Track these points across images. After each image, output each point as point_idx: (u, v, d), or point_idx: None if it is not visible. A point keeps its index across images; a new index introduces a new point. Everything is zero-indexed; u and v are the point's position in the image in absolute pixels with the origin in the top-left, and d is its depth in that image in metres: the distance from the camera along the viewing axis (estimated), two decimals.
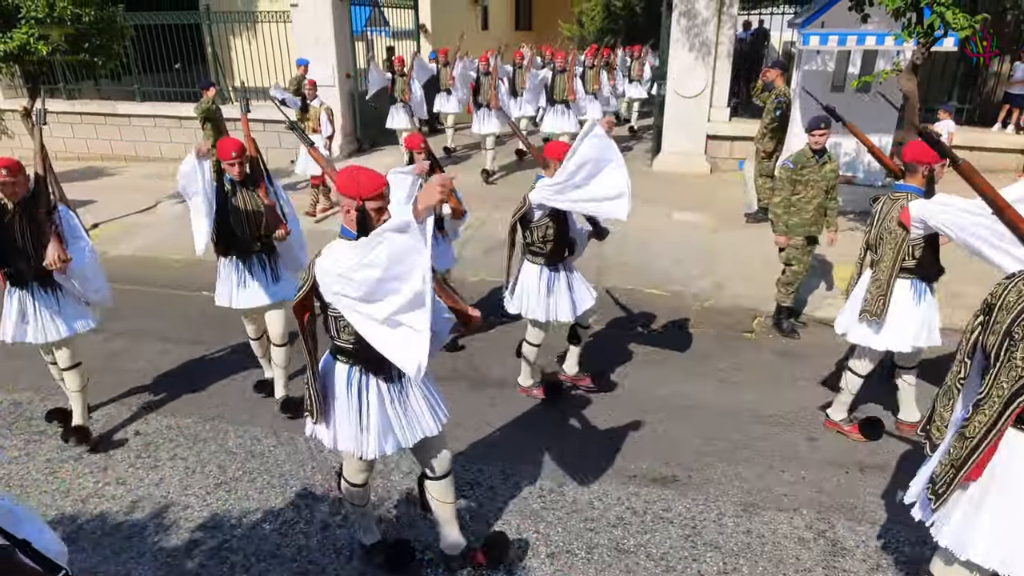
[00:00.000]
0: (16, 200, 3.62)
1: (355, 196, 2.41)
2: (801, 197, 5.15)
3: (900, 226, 3.67)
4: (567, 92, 9.62)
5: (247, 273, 4.24)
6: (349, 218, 2.46)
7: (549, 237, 4.17)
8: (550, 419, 4.41)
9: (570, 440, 4.18)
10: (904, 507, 3.52)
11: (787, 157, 5.26)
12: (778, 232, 5.29)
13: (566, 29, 15.91)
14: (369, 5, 11.80)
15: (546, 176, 4.06)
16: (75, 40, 7.30)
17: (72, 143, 12.18)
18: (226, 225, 4.08)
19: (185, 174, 3.86)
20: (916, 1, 5.14)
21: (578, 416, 4.44)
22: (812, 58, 8.31)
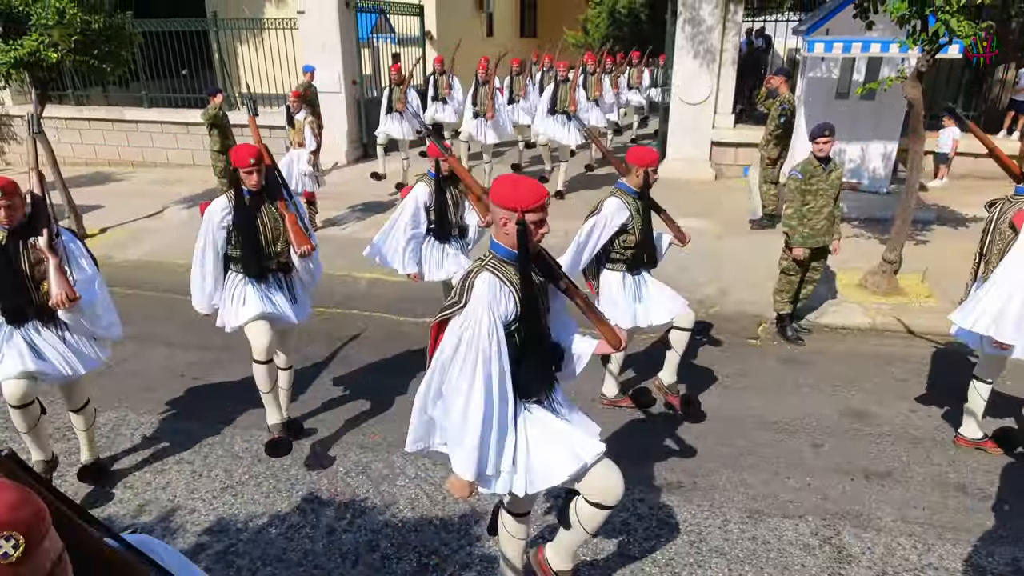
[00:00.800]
0: (12, 226, 3.18)
1: (514, 208, 2.21)
2: (811, 207, 5.14)
3: (1011, 228, 3.59)
4: (568, 103, 9.28)
5: (267, 293, 3.88)
6: (505, 231, 2.27)
7: (630, 244, 4.08)
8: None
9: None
10: (910, 514, 3.53)
11: (794, 167, 5.21)
12: (795, 244, 5.23)
13: (571, 36, 15.96)
14: (375, 12, 11.86)
15: (627, 182, 4.02)
16: (84, 47, 7.36)
17: (80, 149, 12.27)
18: (246, 243, 3.73)
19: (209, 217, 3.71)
20: (921, 8, 5.14)
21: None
22: (817, 65, 8.33)
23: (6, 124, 12.43)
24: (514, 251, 2.27)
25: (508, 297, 2.30)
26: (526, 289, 2.29)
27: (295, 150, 7.78)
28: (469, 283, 2.29)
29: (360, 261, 7.23)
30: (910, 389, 4.80)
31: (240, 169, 3.63)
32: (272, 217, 3.77)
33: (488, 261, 2.34)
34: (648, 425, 4.39)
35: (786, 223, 5.25)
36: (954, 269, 5.88)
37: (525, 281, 2.29)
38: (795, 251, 5.24)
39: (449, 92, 10.24)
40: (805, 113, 8.48)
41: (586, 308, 2.44)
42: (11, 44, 7.09)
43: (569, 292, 2.44)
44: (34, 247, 3.21)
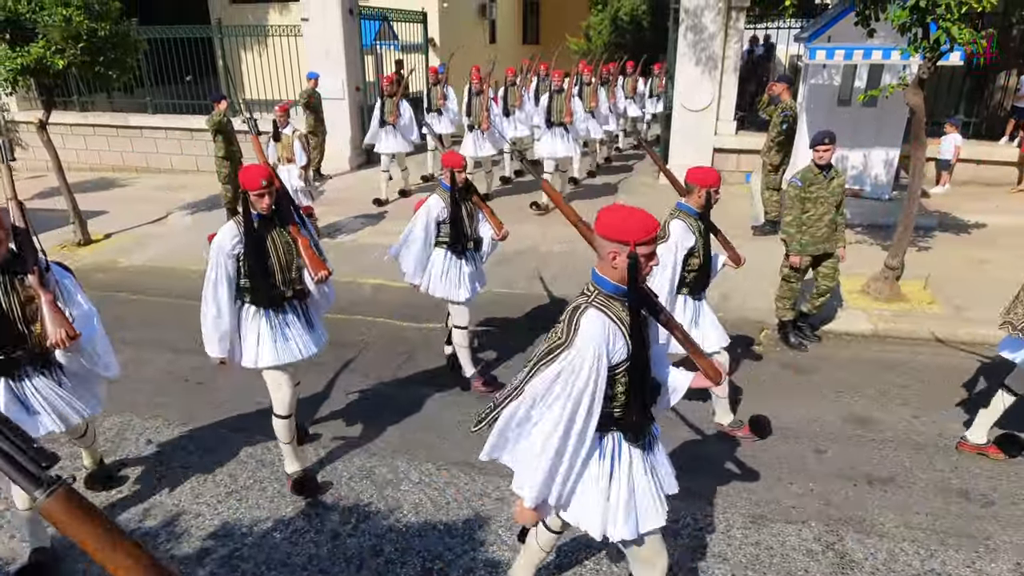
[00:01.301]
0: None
1: (626, 241, 2.07)
2: (811, 214, 5.15)
3: None
4: (563, 114, 8.90)
5: (283, 325, 3.59)
6: (613, 265, 2.12)
7: (694, 267, 3.97)
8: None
9: None
10: (913, 520, 3.54)
11: (794, 175, 5.22)
12: (792, 252, 5.25)
13: (573, 43, 16.02)
14: (378, 19, 11.94)
15: (688, 203, 3.89)
16: (90, 54, 7.42)
17: (85, 154, 12.34)
18: (258, 271, 3.45)
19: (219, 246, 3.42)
20: (922, 16, 5.17)
21: None
22: (818, 72, 8.36)
23: (12, 130, 12.49)
24: (623, 286, 2.15)
25: (617, 336, 2.16)
26: (635, 327, 2.15)
27: (284, 166, 7.40)
28: (575, 321, 2.15)
29: (364, 267, 7.28)
30: (912, 395, 4.80)
31: (250, 192, 3.34)
32: (284, 242, 3.50)
33: (594, 297, 2.19)
34: None
35: (784, 230, 5.28)
36: (956, 275, 5.90)
37: (635, 318, 2.15)
38: (792, 258, 5.27)
39: (444, 103, 9.99)
40: (807, 120, 8.51)
41: (684, 341, 2.31)
42: (18, 51, 7.15)
43: (669, 325, 2.29)
44: (22, 285, 2.90)
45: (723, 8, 9.43)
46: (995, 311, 3.90)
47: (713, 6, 9.44)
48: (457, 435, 4.35)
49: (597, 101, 10.21)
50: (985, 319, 5.66)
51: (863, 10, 5.74)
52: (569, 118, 8.83)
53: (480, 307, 6.24)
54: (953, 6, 4.89)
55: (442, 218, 4.52)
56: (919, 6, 5.06)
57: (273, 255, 3.47)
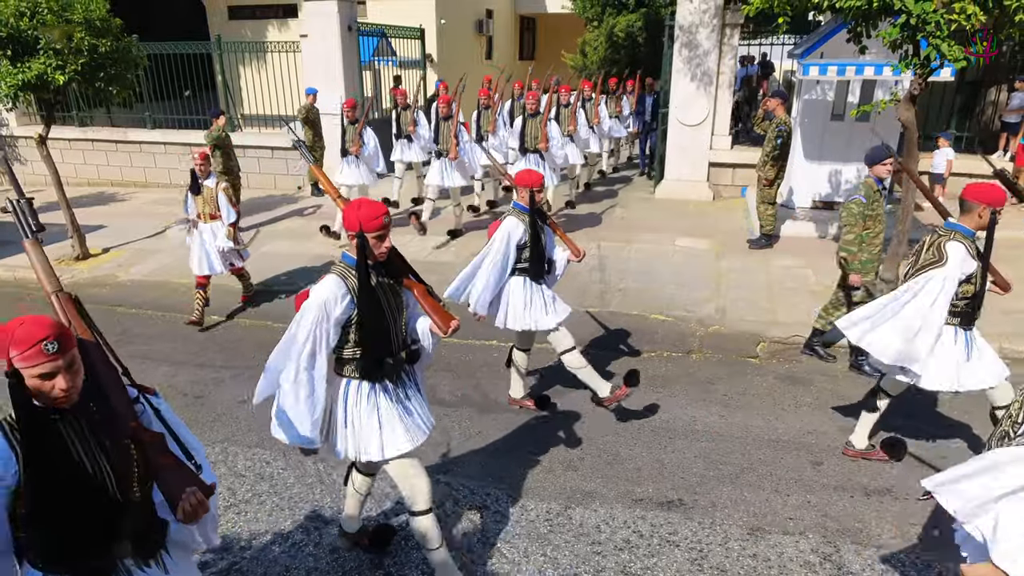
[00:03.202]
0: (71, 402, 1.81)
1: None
2: (870, 232, 5.04)
3: None
4: (539, 139, 8.10)
5: (404, 398, 2.94)
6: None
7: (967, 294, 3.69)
8: (557, 443, 4.44)
9: (577, 464, 4.21)
10: (910, 531, 3.55)
11: (854, 192, 5.00)
12: (853, 271, 5.07)
13: (569, 59, 16.16)
14: (377, 35, 12.05)
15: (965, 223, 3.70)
16: (91, 70, 7.48)
17: (83, 169, 12.38)
18: (377, 338, 2.78)
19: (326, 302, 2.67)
20: (912, 33, 5.26)
21: (585, 440, 4.47)
22: (812, 87, 8.47)
23: (11, 146, 12.55)
24: None
25: None
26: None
27: (207, 224, 6.29)
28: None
29: None
30: (908, 407, 4.83)
31: (368, 235, 2.62)
32: (394, 294, 2.82)
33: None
34: (647, 443, 4.41)
35: (845, 249, 5.01)
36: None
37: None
38: (853, 278, 5.09)
39: (414, 129, 9.12)
40: (801, 135, 8.61)
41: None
42: (19, 67, 7.21)
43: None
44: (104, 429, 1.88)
45: (717, 25, 9.56)
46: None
47: (708, 23, 9.57)
48: (454, 447, 4.36)
49: (576, 124, 9.41)
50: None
51: (855, 27, 5.84)
52: (545, 144, 8.08)
53: None
54: (943, 23, 4.98)
55: (523, 242, 4.15)
56: (910, 23, 5.16)
57: (388, 314, 2.80)
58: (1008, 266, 7.05)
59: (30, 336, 1.73)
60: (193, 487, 1.85)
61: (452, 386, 5.18)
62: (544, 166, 8.00)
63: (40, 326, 1.75)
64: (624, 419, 4.68)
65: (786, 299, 6.58)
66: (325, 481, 4.05)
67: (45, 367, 1.74)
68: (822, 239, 8.42)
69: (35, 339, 1.73)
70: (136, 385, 2.00)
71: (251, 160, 11.27)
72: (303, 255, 8.19)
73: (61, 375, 1.77)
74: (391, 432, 2.86)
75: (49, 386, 1.77)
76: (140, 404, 1.98)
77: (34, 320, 1.77)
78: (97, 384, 1.87)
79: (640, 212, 9.82)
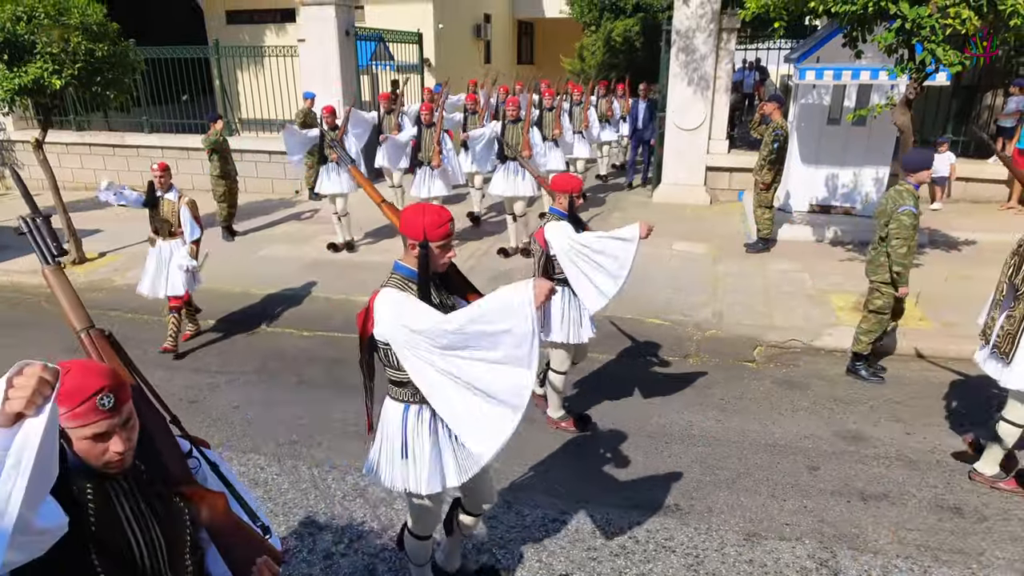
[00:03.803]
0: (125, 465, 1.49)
1: None
2: (915, 242, 4.91)
3: None
4: (521, 146, 7.74)
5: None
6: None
7: None
8: (552, 448, 4.43)
9: (572, 469, 4.19)
10: (906, 536, 3.54)
11: (906, 203, 4.74)
12: (904, 283, 4.91)
13: (567, 63, 16.21)
14: (374, 40, 12.06)
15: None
16: (88, 74, 7.48)
17: (80, 173, 12.37)
18: None
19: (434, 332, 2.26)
20: (908, 38, 5.28)
21: (580, 445, 4.45)
22: (808, 92, 8.48)
23: (8, 150, 12.54)
24: None
25: None
26: None
27: (166, 242, 5.77)
28: None
29: (358, 285, 7.29)
30: (904, 411, 4.83)
31: (433, 244, 2.39)
32: (450, 307, 2.57)
33: None
34: (643, 448, 4.40)
35: (900, 262, 4.80)
36: (946, 292, 5.95)
37: None
38: (903, 290, 4.94)
39: (398, 134, 8.80)
40: (798, 139, 8.62)
41: None
42: (15, 71, 7.20)
43: None
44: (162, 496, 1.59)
45: (714, 30, 9.58)
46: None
47: (704, 28, 9.59)
48: None
49: (561, 129, 9.05)
50: (973, 335, 5.71)
51: (851, 32, 5.85)
52: (528, 151, 7.72)
53: None
54: (938, 28, 4.99)
55: None
56: (905, 28, 5.17)
57: None
58: (998, 269, 7.08)
59: (81, 388, 1.37)
60: (263, 556, 1.59)
61: None
62: (524, 174, 7.68)
63: (92, 375, 1.40)
64: (618, 424, 4.67)
65: (783, 303, 6.58)
66: (319, 487, 4.03)
67: (99, 426, 1.40)
68: (819, 243, 8.43)
69: (87, 392, 1.37)
70: (187, 436, 1.70)
71: (248, 164, 11.27)
72: (300, 259, 8.18)
73: (117, 435, 1.42)
74: (444, 466, 2.60)
75: (101, 449, 1.42)
76: (194, 459, 1.69)
77: (83, 368, 1.41)
78: (145, 437, 1.55)
79: (637, 216, 9.73)
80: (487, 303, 2.15)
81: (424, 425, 2.57)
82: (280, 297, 7.10)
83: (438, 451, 2.59)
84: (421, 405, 2.55)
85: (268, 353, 5.93)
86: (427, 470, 2.57)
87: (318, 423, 4.76)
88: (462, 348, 2.18)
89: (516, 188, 7.75)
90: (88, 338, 1.62)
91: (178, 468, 1.59)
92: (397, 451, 2.60)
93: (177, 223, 5.76)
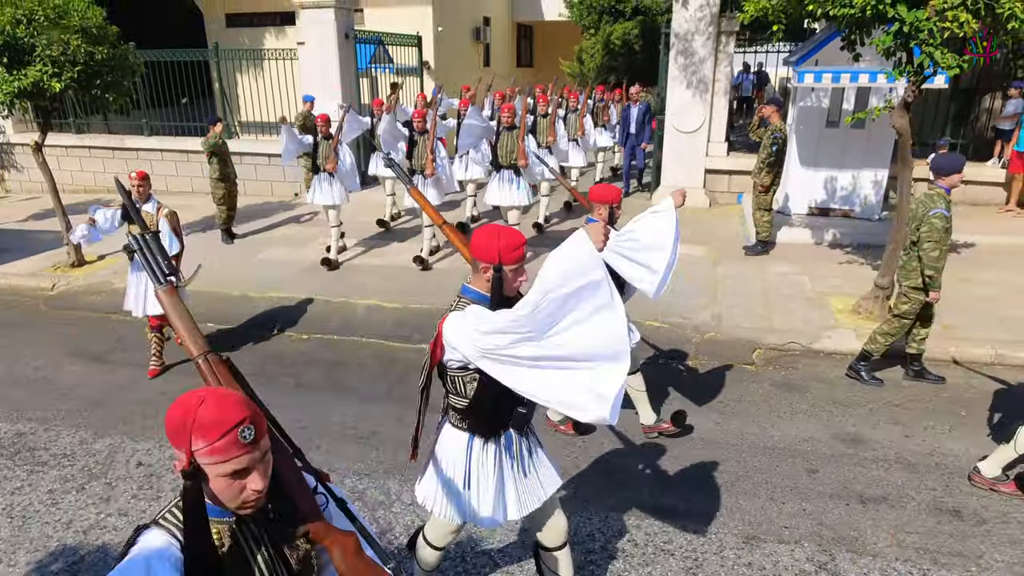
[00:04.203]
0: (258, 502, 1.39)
1: None
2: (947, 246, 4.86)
3: None
4: (517, 155, 7.46)
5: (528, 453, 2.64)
6: None
7: None
8: (551, 451, 4.42)
9: (571, 472, 4.19)
10: (905, 539, 3.54)
11: (938, 207, 4.74)
12: (936, 288, 4.88)
13: (566, 66, 16.22)
14: (374, 43, 12.08)
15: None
16: (88, 77, 7.49)
17: (80, 176, 12.38)
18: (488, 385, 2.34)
19: None
20: (906, 41, 5.28)
21: (578, 448, 4.45)
22: (807, 95, 8.49)
23: (7, 152, 12.55)
24: None
25: None
26: None
27: None
28: None
29: (357, 288, 7.29)
30: (903, 413, 4.83)
31: (507, 267, 2.31)
32: None
33: None
34: (642, 450, 4.40)
35: (932, 266, 4.78)
36: (945, 294, 5.94)
37: None
38: (934, 295, 4.91)
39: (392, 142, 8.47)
40: (797, 141, 8.63)
41: None
42: (15, 74, 7.21)
43: None
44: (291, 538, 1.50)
45: (713, 33, 9.60)
46: (983, 330, 3.96)
47: (703, 31, 9.60)
48: None
49: (555, 135, 8.87)
50: (973, 338, 5.71)
51: (849, 35, 5.85)
52: (524, 160, 7.44)
53: None
54: (936, 31, 5.00)
55: None
56: (903, 31, 5.17)
57: None
58: (996, 272, 7.09)
59: (220, 420, 1.28)
60: None
61: None
62: (519, 182, 7.53)
63: (230, 405, 1.31)
64: (617, 427, 4.67)
65: (782, 306, 6.58)
66: (318, 491, 4.01)
67: (241, 461, 1.29)
68: (818, 245, 8.44)
69: (228, 424, 1.28)
70: (311, 469, 1.57)
71: (248, 167, 11.27)
72: (299, 262, 8.18)
73: (256, 471, 1.32)
74: (507, 497, 2.55)
75: (239, 487, 1.32)
76: (320, 494, 1.55)
77: (219, 397, 1.32)
78: (274, 475, 1.41)
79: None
80: (549, 272, 2.03)
81: (489, 456, 2.52)
82: (279, 300, 7.09)
83: (502, 484, 2.53)
84: (486, 436, 2.52)
85: (266, 356, 5.93)
86: (490, 503, 2.51)
87: (317, 426, 4.75)
88: (549, 326, 2.05)
89: (511, 198, 7.61)
90: (207, 364, 1.51)
91: (307, 506, 1.46)
92: (459, 482, 2.52)
93: None
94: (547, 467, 2.72)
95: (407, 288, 7.24)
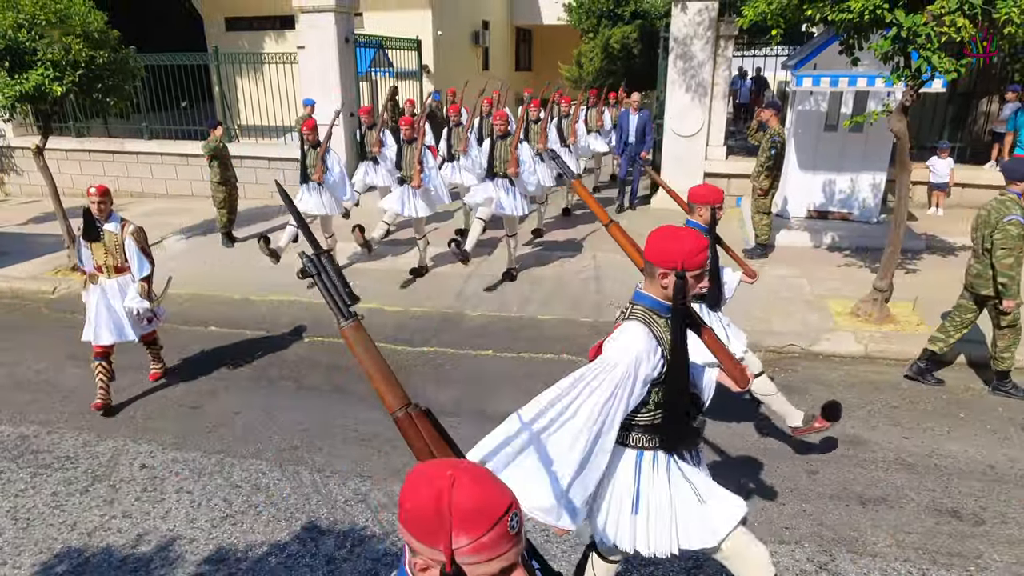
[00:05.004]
0: None
1: None
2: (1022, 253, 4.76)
3: None
4: (509, 163, 7.22)
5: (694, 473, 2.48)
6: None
7: None
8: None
9: None
10: (905, 540, 3.56)
11: (1013, 213, 4.63)
12: (1010, 296, 4.73)
13: (565, 71, 16.27)
14: (373, 47, 12.12)
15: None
16: (89, 81, 7.52)
17: (80, 179, 12.37)
18: (679, 399, 2.29)
19: None
20: (904, 45, 5.32)
21: None
22: (806, 98, 8.54)
23: (7, 156, 12.56)
24: None
25: None
26: None
27: (112, 279, 4.97)
28: None
29: (357, 291, 7.28)
30: (902, 415, 4.85)
31: (689, 272, 2.15)
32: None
33: None
34: None
35: (1006, 273, 4.67)
36: (944, 297, 5.98)
37: None
38: (1008, 303, 4.77)
39: (380, 150, 8.41)
40: (795, 145, 8.67)
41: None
42: (16, 78, 7.24)
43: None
44: None
45: (712, 37, 9.64)
46: (980, 332, 4.01)
47: (702, 35, 9.65)
48: None
49: (546, 142, 8.66)
50: (972, 339, 5.74)
51: (847, 39, 5.90)
52: (515, 169, 7.15)
53: (475, 329, 6.28)
54: (933, 36, 5.03)
55: None
56: (900, 36, 5.21)
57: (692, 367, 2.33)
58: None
59: (486, 509, 1.01)
60: None
61: (449, 395, 5.18)
62: (513, 192, 7.29)
63: (491, 488, 1.04)
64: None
65: (781, 308, 6.61)
66: (321, 492, 4.04)
67: (508, 557, 1.04)
68: (817, 248, 8.47)
69: (496, 513, 1.01)
70: None
71: (248, 171, 11.29)
72: (298, 264, 8.19)
73: (520, 568, 1.07)
74: (687, 521, 2.31)
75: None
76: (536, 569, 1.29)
77: (474, 477, 1.05)
78: None
79: (636, 222, 9.84)
80: None
81: (660, 474, 2.28)
82: (279, 303, 7.12)
83: (674, 505, 2.29)
84: (656, 451, 2.28)
85: (268, 359, 5.95)
86: (666, 528, 2.27)
87: (319, 429, 4.77)
88: None
89: (510, 207, 7.36)
90: (407, 419, 1.29)
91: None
92: (627, 505, 2.28)
93: (123, 258, 4.92)
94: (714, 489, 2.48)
95: (408, 291, 7.27)
